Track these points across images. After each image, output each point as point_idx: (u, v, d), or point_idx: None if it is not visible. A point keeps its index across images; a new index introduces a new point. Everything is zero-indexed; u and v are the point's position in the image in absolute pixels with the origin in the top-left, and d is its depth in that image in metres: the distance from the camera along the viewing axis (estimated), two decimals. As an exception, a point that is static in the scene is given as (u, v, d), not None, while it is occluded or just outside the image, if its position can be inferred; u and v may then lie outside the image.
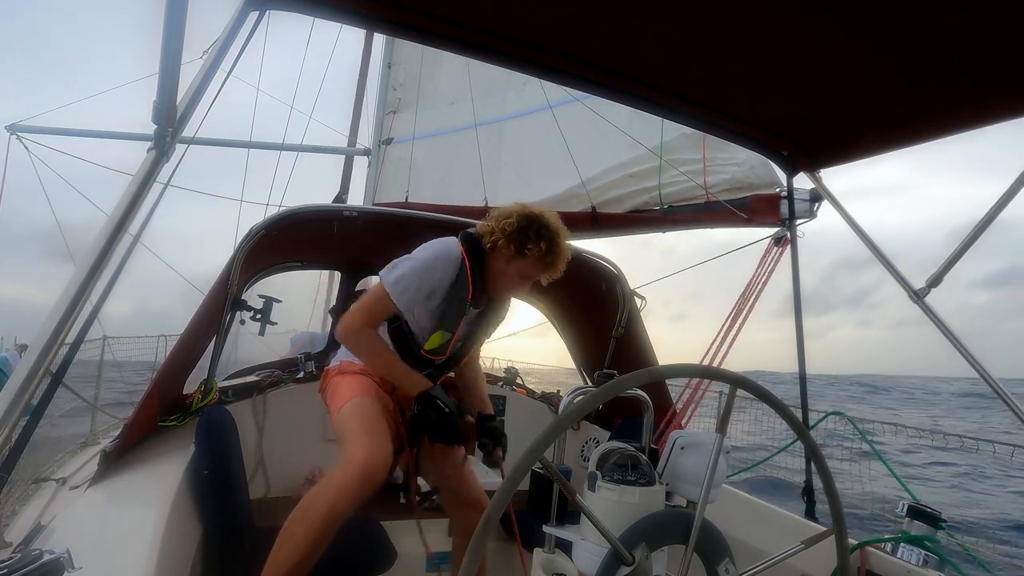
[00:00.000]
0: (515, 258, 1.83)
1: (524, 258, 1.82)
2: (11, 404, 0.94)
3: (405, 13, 1.46)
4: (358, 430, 1.73)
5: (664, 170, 3.86)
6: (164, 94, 1.18)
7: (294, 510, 1.68)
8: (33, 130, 6.22)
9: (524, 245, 1.80)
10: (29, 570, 0.88)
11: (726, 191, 3.53)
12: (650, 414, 1.67)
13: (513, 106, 4.85)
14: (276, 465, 2.75)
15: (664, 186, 3.89)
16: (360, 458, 1.64)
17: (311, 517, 1.61)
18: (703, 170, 3.67)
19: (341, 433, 1.79)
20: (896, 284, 1.90)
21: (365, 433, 1.72)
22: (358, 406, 1.82)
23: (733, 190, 3.51)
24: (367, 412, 1.80)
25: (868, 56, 1.41)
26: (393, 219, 2.93)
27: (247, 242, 2.37)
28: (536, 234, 1.80)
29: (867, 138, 1.83)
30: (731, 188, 3.52)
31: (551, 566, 1.37)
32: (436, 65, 5.67)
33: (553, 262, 1.85)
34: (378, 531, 2.21)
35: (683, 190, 3.77)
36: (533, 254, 1.81)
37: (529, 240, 1.80)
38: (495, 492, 0.83)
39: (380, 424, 1.80)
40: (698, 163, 3.71)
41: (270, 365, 3.21)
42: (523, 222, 1.81)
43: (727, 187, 3.54)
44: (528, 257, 1.82)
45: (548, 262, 1.84)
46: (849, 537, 1.17)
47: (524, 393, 3.43)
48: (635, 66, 1.68)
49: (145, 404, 2.07)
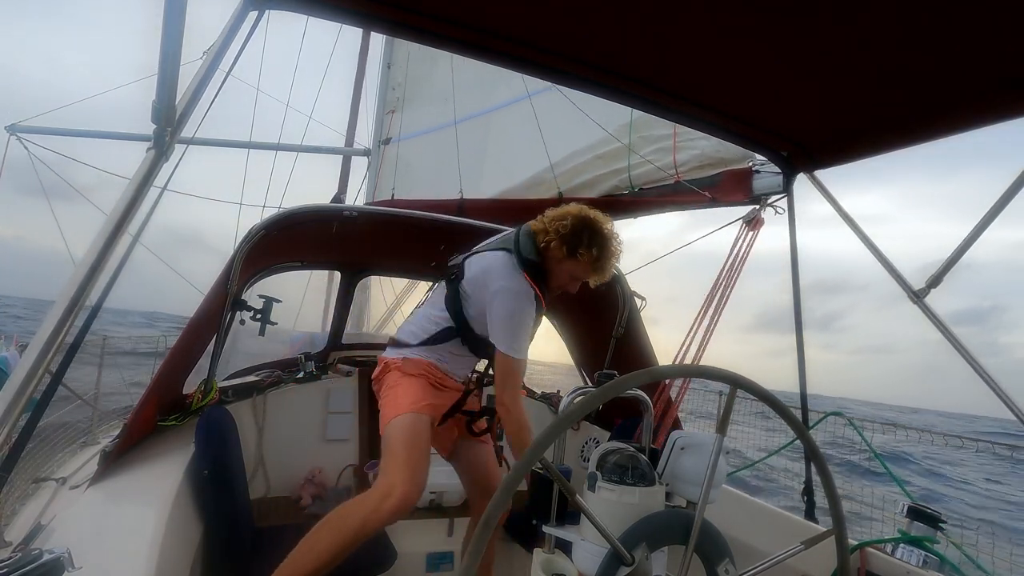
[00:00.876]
0: (566, 259, 1.90)
1: (576, 260, 1.90)
2: (11, 404, 0.94)
3: (404, 13, 1.46)
4: (404, 456, 1.82)
5: (636, 148, 3.55)
6: (163, 94, 1.18)
7: (325, 518, 1.76)
8: (33, 130, 6.22)
9: (576, 248, 1.87)
10: (29, 570, 0.88)
11: (697, 168, 3.22)
12: (650, 414, 1.67)
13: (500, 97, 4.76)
14: (276, 465, 2.75)
15: (634, 167, 3.57)
16: (400, 491, 1.74)
17: (341, 529, 1.70)
18: (673, 147, 3.35)
19: (387, 446, 1.87)
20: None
21: (409, 462, 1.81)
22: (411, 424, 1.89)
23: (704, 167, 3.19)
24: (418, 435, 1.88)
25: (868, 56, 1.41)
26: (393, 219, 2.93)
27: (247, 242, 2.37)
28: (589, 238, 1.87)
29: (867, 138, 1.83)
30: (702, 165, 3.20)
31: (551, 566, 1.37)
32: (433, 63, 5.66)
33: (603, 266, 1.92)
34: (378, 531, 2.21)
35: (652, 170, 3.46)
36: (584, 258, 1.88)
37: (581, 244, 1.88)
38: (495, 492, 0.83)
39: (426, 452, 1.88)
40: (669, 139, 3.38)
41: (270, 365, 3.21)
42: (578, 225, 1.88)
43: (697, 164, 3.22)
44: (580, 260, 1.89)
45: (598, 266, 1.91)
46: (849, 538, 1.17)
47: (524, 393, 3.43)
48: (635, 66, 1.68)
49: (145, 404, 2.07)
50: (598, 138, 3.77)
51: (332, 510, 1.79)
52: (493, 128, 4.87)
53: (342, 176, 7.45)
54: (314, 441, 2.87)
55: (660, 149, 3.40)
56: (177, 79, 1.18)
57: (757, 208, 2.63)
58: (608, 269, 1.95)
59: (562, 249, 1.89)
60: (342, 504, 1.80)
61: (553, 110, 4.04)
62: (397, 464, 1.80)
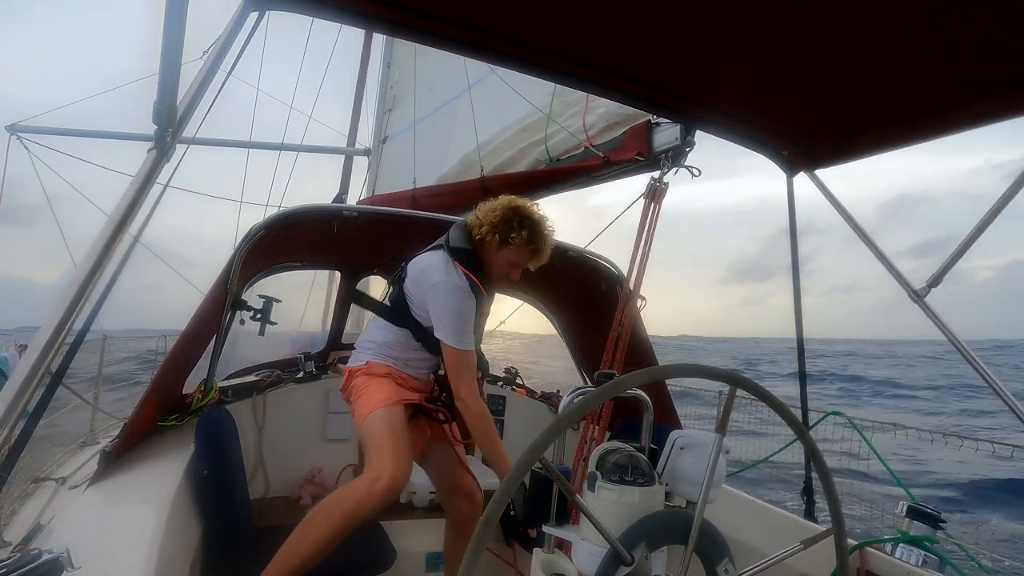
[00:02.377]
0: (501, 247, 1.99)
1: (509, 247, 1.97)
2: (11, 404, 0.94)
3: (405, 13, 1.46)
4: (386, 443, 1.87)
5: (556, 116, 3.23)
6: (164, 94, 1.18)
7: (318, 506, 1.82)
8: (33, 130, 6.22)
9: (508, 235, 1.96)
10: (28, 569, 0.88)
11: (605, 129, 2.92)
12: (650, 414, 1.67)
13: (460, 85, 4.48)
14: (276, 465, 2.75)
15: (551, 136, 3.27)
16: (388, 472, 1.79)
17: (335, 514, 1.75)
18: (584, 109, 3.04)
19: (368, 440, 1.91)
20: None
21: (392, 447, 1.86)
22: (389, 415, 1.94)
23: (612, 126, 2.87)
24: (395, 424, 1.93)
25: (868, 56, 1.41)
26: (393, 219, 2.93)
27: (247, 242, 2.37)
28: (519, 223, 1.95)
29: (867, 138, 1.83)
30: (609, 125, 2.89)
31: (551, 566, 1.37)
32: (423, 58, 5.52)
33: (537, 249, 1.99)
34: (378, 531, 2.21)
35: (567, 138, 3.18)
36: (516, 242, 1.96)
37: (512, 229, 1.95)
38: (495, 492, 0.83)
39: (406, 436, 1.93)
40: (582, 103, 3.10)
41: (270, 365, 3.21)
42: (507, 213, 1.96)
43: (604, 124, 2.91)
44: (512, 245, 1.97)
45: (532, 249, 1.98)
46: (848, 537, 1.17)
47: (524, 393, 3.43)
48: (635, 66, 1.68)
49: (145, 404, 2.07)
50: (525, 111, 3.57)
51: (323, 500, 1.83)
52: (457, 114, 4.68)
53: (343, 176, 7.45)
54: (314, 441, 2.87)
55: (575, 113, 3.14)
56: (178, 80, 1.18)
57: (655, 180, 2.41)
58: (544, 251, 2.02)
59: (495, 238, 1.96)
60: (333, 492, 1.84)
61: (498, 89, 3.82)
62: (382, 450, 1.85)
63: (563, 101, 3.21)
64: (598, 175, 3.01)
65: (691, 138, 2.36)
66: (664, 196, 2.36)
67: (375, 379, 2.05)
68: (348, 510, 1.75)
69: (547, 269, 3.01)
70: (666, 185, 2.38)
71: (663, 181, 2.39)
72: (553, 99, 3.26)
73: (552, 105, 3.26)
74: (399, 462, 1.83)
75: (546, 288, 3.38)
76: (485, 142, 3.86)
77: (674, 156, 2.45)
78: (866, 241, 1.96)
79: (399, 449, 1.87)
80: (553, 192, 3.39)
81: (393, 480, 1.78)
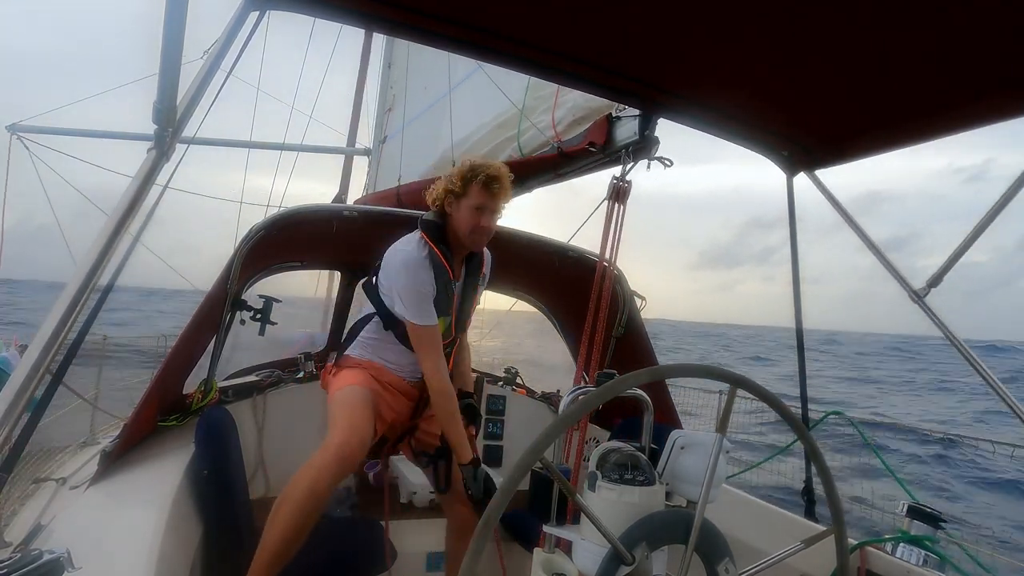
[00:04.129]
0: (463, 198, 2.00)
1: (469, 195, 1.99)
2: (11, 404, 0.94)
3: (405, 13, 1.46)
4: (339, 416, 1.92)
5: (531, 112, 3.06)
6: (164, 94, 1.18)
7: (281, 492, 1.82)
8: (34, 130, 6.22)
9: (468, 184, 1.99)
10: (29, 570, 0.88)
11: (573, 124, 2.76)
12: (650, 414, 1.67)
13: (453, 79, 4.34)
14: (276, 465, 2.75)
15: (523, 132, 3.10)
16: (335, 441, 1.82)
17: (295, 496, 1.75)
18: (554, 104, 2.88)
19: (329, 420, 1.95)
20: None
21: (344, 418, 1.90)
22: (346, 394, 1.99)
23: (578, 121, 2.72)
24: (350, 399, 1.97)
25: (868, 56, 1.41)
26: (393, 218, 2.93)
27: (247, 242, 2.37)
28: (472, 172, 1.98)
29: (867, 138, 1.83)
30: (575, 120, 2.74)
31: (551, 566, 1.37)
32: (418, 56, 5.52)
33: (499, 187, 2.00)
34: (378, 531, 2.21)
35: (537, 134, 3.01)
36: (475, 185, 1.97)
37: (468, 180, 1.99)
38: (494, 493, 0.83)
39: (361, 411, 1.94)
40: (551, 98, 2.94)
41: (270, 365, 3.21)
42: (462, 169, 2.01)
43: (572, 118, 2.76)
44: (473, 189, 1.98)
45: (493, 188, 1.99)
46: (849, 537, 1.17)
47: (524, 393, 3.43)
48: (636, 67, 1.68)
49: (145, 404, 2.07)
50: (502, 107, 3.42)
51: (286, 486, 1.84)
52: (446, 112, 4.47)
53: (343, 176, 7.46)
54: (314, 441, 2.84)
55: (546, 109, 2.99)
56: (178, 80, 1.18)
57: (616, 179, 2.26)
58: (505, 189, 2.02)
59: (455, 190, 1.99)
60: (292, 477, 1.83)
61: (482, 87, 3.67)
62: (334, 422, 1.90)
63: (536, 96, 3.07)
64: (564, 171, 2.91)
65: (650, 132, 2.20)
66: (628, 195, 2.22)
67: (343, 370, 2.09)
68: (305, 487, 1.74)
69: (546, 268, 3.01)
70: (629, 184, 2.23)
71: (625, 180, 2.24)
72: (527, 94, 3.11)
73: (525, 100, 3.13)
74: (349, 430, 1.85)
75: (545, 287, 3.38)
76: (463, 139, 3.80)
77: (636, 151, 2.31)
78: (865, 241, 1.96)
79: (350, 419, 1.89)
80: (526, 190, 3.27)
81: (340, 447, 1.79)
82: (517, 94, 3.22)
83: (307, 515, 1.74)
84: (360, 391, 1.99)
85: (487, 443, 3.31)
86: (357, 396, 1.97)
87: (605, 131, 2.50)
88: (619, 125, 2.46)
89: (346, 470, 1.82)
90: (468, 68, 3.96)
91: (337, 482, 1.81)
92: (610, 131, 2.49)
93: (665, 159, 2.29)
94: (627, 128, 2.37)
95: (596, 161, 2.60)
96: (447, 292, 2.03)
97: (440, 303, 2.02)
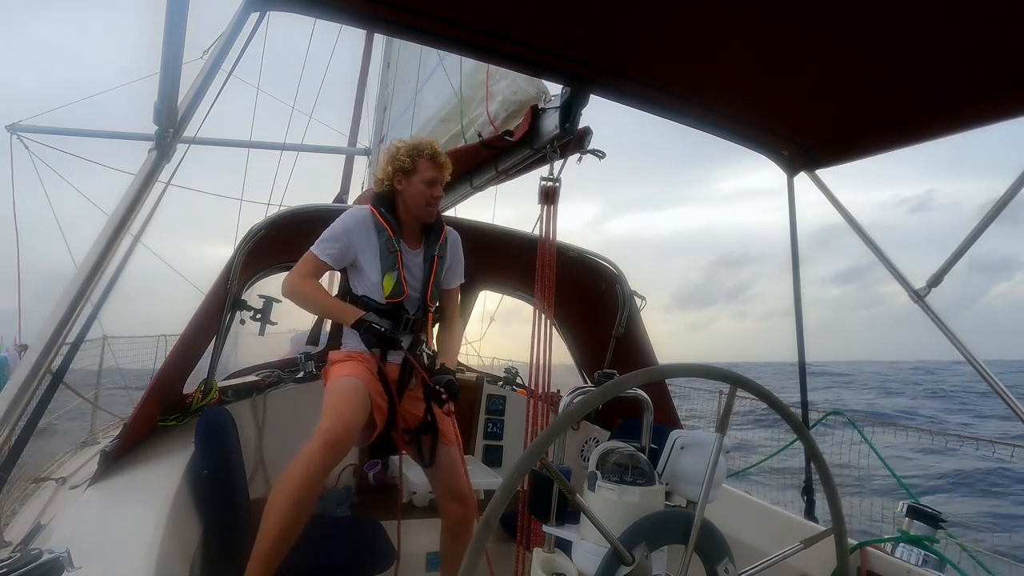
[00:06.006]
0: (413, 173, 2.14)
1: (417, 169, 2.13)
2: (11, 404, 0.94)
3: (405, 13, 1.47)
4: (327, 405, 1.97)
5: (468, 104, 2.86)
6: (165, 94, 1.18)
7: (275, 485, 1.84)
8: (34, 129, 6.22)
9: (415, 159, 2.13)
10: (29, 569, 0.88)
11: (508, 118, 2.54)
12: (650, 414, 1.67)
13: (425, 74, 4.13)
14: (276, 465, 2.75)
15: (467, 127, 2.90)
16: (322, 427, 1.86)
17: (288, 487, 1.78)
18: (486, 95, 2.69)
19: (322, 411, 1.99)
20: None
21: (330, 407, 1.95)
22: (335, 384, 2.05)
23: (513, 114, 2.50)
24: (338, 388, 2.03)
25: (868, 56, 1.41)
26: None
27: (247, 242, 2.37)
28: (417, 149, 2.14)
29: (867, 138, 1.83)
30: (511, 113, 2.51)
31: (551, 566, 1.37)
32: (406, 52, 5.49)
33: (442, 159, 2.16)
34: (378, 531, 2.21)
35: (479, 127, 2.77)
36: (422, 160, 2.13)
37: (416, 157, 2.14)
38: (495, 492, 0.83)
39: (349, 398, 1.99)
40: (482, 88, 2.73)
41: (270, 365, 3.21)
42: (405, 148, 2.16)
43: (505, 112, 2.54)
44: (419, 165, 2.13)
45: (438, 160, 2.15)
46: (849, 537, 1.17)
47: (524, 393, 3.43)
48: (637, 67, 1.68)
49: (145, 404, 2.07)
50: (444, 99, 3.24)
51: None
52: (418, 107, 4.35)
53: (344, 176, 7.46)
54: None
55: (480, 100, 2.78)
56: (179, 80, 1.18)
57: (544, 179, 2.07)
58: (446, 158, 2.17)
59: (404, 167, 2.13)
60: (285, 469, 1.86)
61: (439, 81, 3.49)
62: (324, 412, 1.94)
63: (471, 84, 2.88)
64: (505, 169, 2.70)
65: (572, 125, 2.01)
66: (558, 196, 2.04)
67: (336, 364, 2.15)
68: (299, 475, 1.77)
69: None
70: (558, 183, 2.05)
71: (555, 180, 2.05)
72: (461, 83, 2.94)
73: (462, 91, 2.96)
74: (333, 416, 1.90)
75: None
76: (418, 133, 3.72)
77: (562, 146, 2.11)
78: (867, 242, 1.96)
79: (336, 406, 1.94)
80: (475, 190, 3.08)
81: (326, 432, 1.83)
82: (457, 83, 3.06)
83: (302, 504, 1.77)
84: (349, 380, 2.04)
85: (487, 443, 3.31)
86: (345, 384, 2.03)
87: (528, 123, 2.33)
88: (544, 117, 2.28)
89: (335, 455, 1.85)
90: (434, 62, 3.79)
91: (328, 468, 1.85)
92: (534, 123, 2.32)
93: (598, 151, 2.15)
94: (551, 120, 2.18)
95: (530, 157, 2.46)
96: (389, 249, 2.13)
97: (384, 259, 2.13)
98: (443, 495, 2.17)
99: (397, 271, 2.14)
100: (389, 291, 2.13)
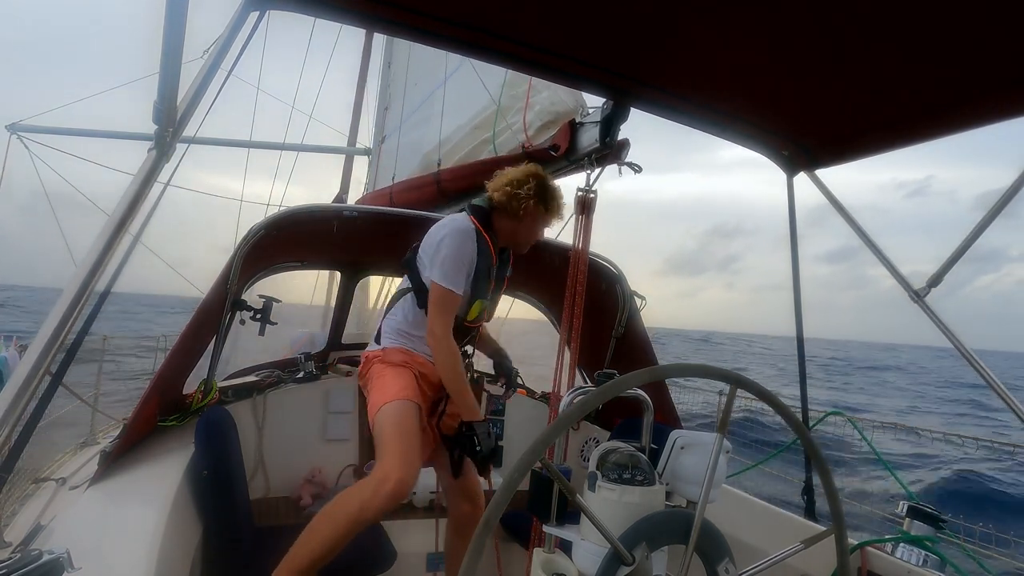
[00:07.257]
0: (546, 214, 2.08)
1: (549, 212, 2.08)
2: (11, 404, 0.94)
3: (405, 13, 1.46)
4: (397, 442, 1.84)
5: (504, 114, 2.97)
6: (164, 94, 1.18)
7: (322, 509, 1.80)
8: (34, 129, 6.22)
9: (548, 202, 2.06)
10: (29, 570, 0.88)
11: (543, 128, 2.68)
12: (650, 414, 1.67)
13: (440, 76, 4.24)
14: (276, 465, 2.75)
15: (499, 134, 3.02)
16: (395, 477, 1.76)
17: (338, 518, 1.75)
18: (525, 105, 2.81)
19: (379, 435, 1.89)
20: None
21: (402, 449, 1.83)
22: (400, 411, 1.90)
23: (547, 125, 2.64)
24: (407, 422, 1.90)
25: (868, 56, 1.41)
26: (392, 218, 2.93)
27: (247, 242, 2.37)
28: (555, 194, 2.08)
29: (867, 138, 1.83)
30: (544, 123, 2.66)
31: (551, 566, 1.37)
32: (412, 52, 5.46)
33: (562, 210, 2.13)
34: (378, 531, 2.21)
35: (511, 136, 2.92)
36: (553, 207, 2.08)
37: (551, 200, 2.07)
38: (495, 492, 0.83)
39: (417, 437, 1.90)
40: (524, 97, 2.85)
41: (270, 365, 3.21)
42: (541, 182, 2.05)
43: (540, 122, 2.68)
44: (551, 211, 2.08)
45: (561, 212, 2.12)
46: (849, 537, 1.17)
47: (524, 393, 3.42)
48: (637, 67, 1.68)
49: (145, 404, 2.07)
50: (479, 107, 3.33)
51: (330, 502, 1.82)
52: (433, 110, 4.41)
53: (344, 176, 7.46)
54: (314, 441, 2.86)
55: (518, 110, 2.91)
56: (178, 80, 1.18)
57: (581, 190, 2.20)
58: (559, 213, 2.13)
59: (539, 207, 2.04)
60: (339, 494, 1.83)
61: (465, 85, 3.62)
62: (391, 451, 1.83)
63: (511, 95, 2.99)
64: None
65: (611, 140, 2.11)
66: (594, 207, 2.16)
67: (391, 368, 2.01)
68: (352, 513, 1.74)
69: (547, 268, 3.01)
70: (595, 194, 2.17)
71: (591, 191, 2.18)
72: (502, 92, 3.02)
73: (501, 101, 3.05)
74: (407, 465, 1.81)
75: (545, 287, 3.38)
76: (444, 139, 3.77)
77: (599, 158, 2.22)
78: (866, 241, 1.96)
79: (408, 451, 1.84)
80: None
81: (400, 484, 1.76)
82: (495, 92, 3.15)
83: (345, 537, 1.75)
84: (411, 409, 1.93)
85: None
86: (410, 418, 1.91)
87: (568, 136, 2.45)
88: (582, 131, 2.41)
89: (397, 504, 1.79)
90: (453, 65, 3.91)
91: (384, 515, 1.79)
92: (573, 137, 2.43)
93: (634, 165, 2.24)
94: (590, 135, 2.30)
95: (564, 168, 2.55)
96: (488, 276, 2.04)
97: (480, 285, 2.02)
98: (454, 494, 2.17)
99: (487, 300, 2.09)
100: (474, 316, 2.07)
